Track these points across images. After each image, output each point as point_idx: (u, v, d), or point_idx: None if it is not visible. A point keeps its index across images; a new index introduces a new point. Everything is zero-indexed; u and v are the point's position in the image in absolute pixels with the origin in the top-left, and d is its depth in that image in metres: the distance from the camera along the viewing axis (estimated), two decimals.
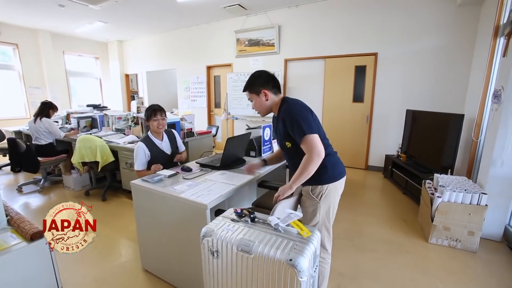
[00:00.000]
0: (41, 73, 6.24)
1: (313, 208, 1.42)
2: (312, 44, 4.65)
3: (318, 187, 1.40)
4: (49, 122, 3.55)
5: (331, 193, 1.40)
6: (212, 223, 1.12)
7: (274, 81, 1.48)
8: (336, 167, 1.42)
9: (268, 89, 1.45)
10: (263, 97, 1.46)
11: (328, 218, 1.44)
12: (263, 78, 1.47)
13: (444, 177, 2.45)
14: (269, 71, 1.52)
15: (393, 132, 4.23)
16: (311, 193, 1.41)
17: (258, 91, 1.46)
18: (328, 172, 1.38)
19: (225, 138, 5.77)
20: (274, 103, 1.48)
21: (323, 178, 1.38)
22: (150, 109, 2.17)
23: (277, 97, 1.48)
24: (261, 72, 1.51)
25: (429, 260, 2.04)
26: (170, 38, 6.52)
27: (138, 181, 1.72)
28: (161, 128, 2.21)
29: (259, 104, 1.49)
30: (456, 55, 3.65)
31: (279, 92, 1.50)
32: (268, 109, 1.51)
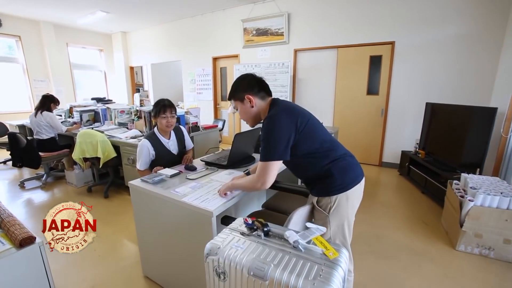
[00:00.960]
0: (45, 65, 6.12)
1: (322, 222, 1.23)
2: (324, 33, 4.37)
3: (325, 199, 1.20)
4: (50, 115, 3.43)
5: (342, 204, 1.19)
6: (218, 238, 0.94)
7: (261, 84, 1.28)
8: (346, 173, 1.19)
9: (252, 94, 1.26)
10: (248, 103, 1.27)
11: (343, 234, 1.24)
12: (247, 81, 1.28)
13: (473, 177, 2.22)
14: (255, 74, 1.32)
15: (410, 126, 3.97)
16: (317, 206, 1.23)
17: (242, 97, 1.27)
18: (336, 180, 1.17)
19: (231, 132, 5.64)
20: (262, 109, 1.29)
21: (330, 187, 1.18)
22: (159, 105, 1.93)
23: (264, 102, 1.29)
24: (245, 75, 1.32)
25: (459, 271, 1.84)
26: (174, 29, 6.31)
27: (136, 182, 1.56)
28: (170, 127, 1.99)
29: (244, 112, 1.31)
30: (482, 43, 3.34)
31: (268, 95, 1.30)
32: (256, 117, 1.31)
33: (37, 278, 1.20)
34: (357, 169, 1.23)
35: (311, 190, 1.28)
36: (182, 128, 2.21)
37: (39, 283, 1.25)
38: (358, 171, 1.23)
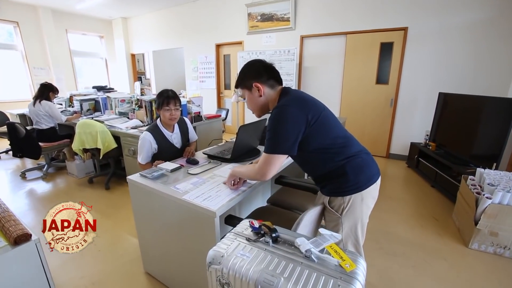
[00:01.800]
0: (44, 53, 5.99)
1: (334, 224, 1.14)
2: (332, 18, 4.16)
3: (338, 199, 1.10)
4: (49, 105, 3.34)
5: (356, 205, 1.09)
6: (222, 244, 0.85)
7: (270, 71, 1.18)
8: (361, 172, 1.09)
9: (261, 82, 1.16)
10: (256, 92, 1.17)
11: (356, 236, 1.15)
12: (256, 68, 1.18)
13: (490, 172, 2.11)
14: (265, 60, 1.21)
15: (420, 118, 3.82)
16: (329, 206, 1.13)
17: (249, 85, 1.18)
18: (350, 180, 1.07)
19: (235, 122, 5.53)
20: (271, 98, 1.18)
21: (343, 187, 1.08)
22: (162, 96, 1.80)
23: (274, 91, 1.18)
24: (254, 61, 1.21)
25: (472, 270, 1.76)
26: (176, 15, 6.09)
27: (135, 177, 1.47)
28: (174, 120, 1.87)
29: (251, 101, 1.21)
30: (500, 30, 3.13)
31: (278, 84, 1.20)
32: (264, 107, 1.21)
33: (35, 275, 1.17)
34: (373, 167, 1.13)
35: (322, 188, 1.19)
36: (186, 120, 2.09)
37: (38, 281, 1.22)
38: (374, 169, 1.13)
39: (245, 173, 1.24)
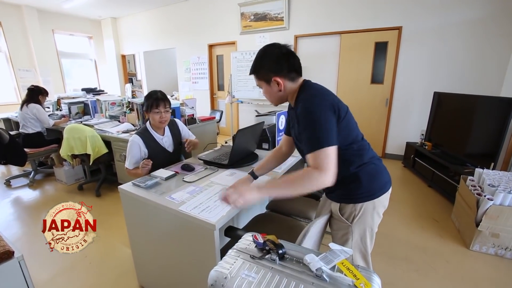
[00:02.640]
0: (30, 54, 5.77)
1: (344, 232, 1.09)
2: (326, 17, 4.12)
3: (349, 207, 1.05)
4: (36, 107, 3.20)
5: (367, 213, 1.04)
6: (225, 264, 0.78)
7: (291, 61, 1.03)
8: (375, 179, 1.04)
9: (281, 76, 1.03)
10: (275, 86, 1.05)
11: (365, 245, 1.10)
12: (274, 58, 1.03)
13: (489, 173, 2.09)
14: (284, 44, 1.06)
15: (416, 117, 3.82)
16: (339, 214, 1.07)
17: (268, 78, 1.04)
18: (363, 187, 1.02)
19: (229, 123, 5.45)
20: (291, 91, 1.07)
21: (355, 194, 1.03)
22: (150, 98, 1.71)
23: (295, 84, 1.06)
24: (271, 48, 1.05)
25: (476, 272, 1.74)
26: (167, 14, 5.96)
27: (127, 186, 1.39)
28: (164, 123, 1.77)
29: (269, 94, 1.10)
30: (494, 29, 3.14)
31: (299, 75, 1.07)
32: (282, 99, 1.11)
33: None
34: (385, 175, 1.08)
35: (329, 193, 1.12)
36: (177, 121, 2.00)
37: None
38: (387, 177, 1.08)
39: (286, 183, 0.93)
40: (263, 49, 1.07)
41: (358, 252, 1.10)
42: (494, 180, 1.94)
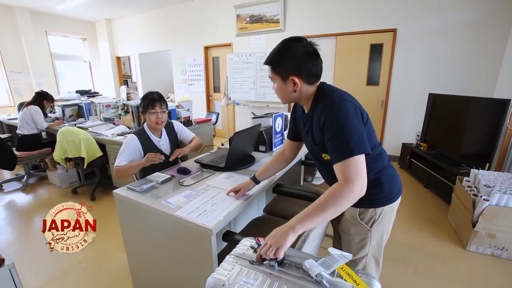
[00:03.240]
0: (22, 55, 5.68)
1: (362, 237, 1.07)
2: (322, 20, 4.14)
3: (370, 211, 1.03)
4: (34, 109, 3.18)
5: (386, 217, 1.05)
6: (222, 270, 0.77)
7: (314, 63, 0.94)
8: (393, 183, 1.05)
9: (300, 77, 0.94)
10: (290, 86, 0.96)
11: (380, 248, 1.10)
12: (297, 57, 0.92)
13: (484, 173, 2.11)
14: (308, 42, 0.96)
15: (411, 118, 3.85)
16: (359, 219, 1.05)
17: (286, 76, 0.96)
18: (385, 191, 1.01)
19: (225, 125, 5.42)
20: (306, 95, 0.99)
21: (377, 199, 1.02)
22: (146, 98, 1.69)
23: (312, 87, 0.99)
24: (296, 43, 0.94)
25: (473, 273, 1.74)
26: (163, 16, 5.93)
27: (122, 190, 1.36)
28: (161, 124, 1.73)
29: (281, 92, 1.01)
30: (488, 31, 3.19)
31: (317, 79, 0.98)
32: (294, 100, 1.05)
33: None
34: (399, 179, 1.10)
35: None
36: (174, 123, 1.96)
37: None
38: (400, 181, 1.10)
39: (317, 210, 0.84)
40: (287, 42, 0.96)
41: (372, 256, 1.09)
42: (490, 181, 1.96)
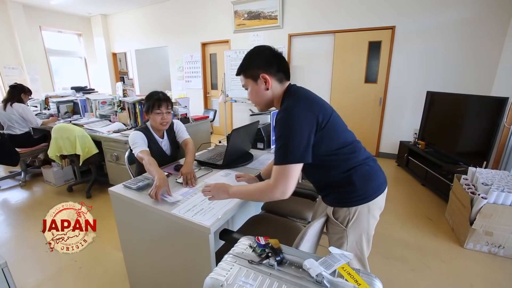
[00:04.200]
0: (16, 51, 5.57)
1: (338, 236, 1.07)
2: (320, 16, 4.11)
3: (343, 210, 1.02)
4: (22, 107, 3.09)
5: (363, 216, 1.02)
6: (221, 270, 0.75)
7: (280, 62, 1.04)
8: (370, 181, 1.01)
9: (269, 74, 1.01)
10: (262, 84, 1.03)
11: (361, 249, 1.08)
12: (264, 56, 1.03)
13: (482, 171, 2.11)
14: (275, 48, 1.07)
15: (409, 116, 3.85)
16: (333, 218, 1.05)
17: (256, 75, 1.03)
18: (357, 189, 0.99)
19: (223, 123, 5.39)
20: (277, 94, 1.04)
21: (349, 197, 1.00)
22: (152, 99, 1.64)
23: (281, 87, 1.04)
24: (262, 48, 1.06)
25: (471, 271, 1.75)
26: (159, 12, 5.86)
27: (118, 188, 1.33)
28: (165, 125, 1.70)
29: (255, 94, 1.06)
30: (486, 29, 3.18)
31: (286, 78, 1.06)
32: (269, 102, 1.07)
33: None
34: (381, 176, 1.06)
35: (324, 197, 1.11)
36: (173, 122, 1.87)
37: None
38: (382, 178, 1.06)
39: (254, 192, 1.03)
40: (252, 49, 1.08)
41: (354, 256, 1.08)
42: (487, 179, 1.96)
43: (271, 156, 1.88)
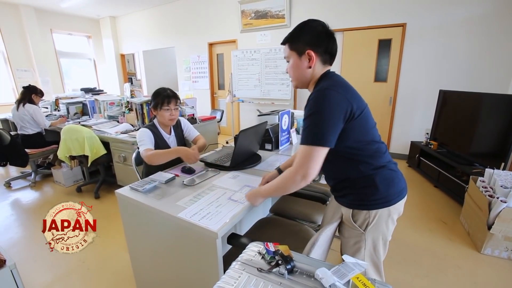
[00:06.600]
0: (28, 54, 5.70)
1: (355, 240, 1.02)
2: (328, 14, 4.04)
3: (363, 213, 0.98)
4: (33, 108, 3.14)
5: (382, 220, 0.97)
6: (229, 278, 0.72)
7: (330, 42, 0.97)
8: (391, 185, 0.97)
9: (316, 52, 0.96)
10: (306, 61, 0.98)
11: (378, 254, 1.03)
12: (316, 33, 0.96)
13: (500, 173, 2.02)
14: (327, 25, 0.99)
15: (420, 116, 3.75)
16: (352, 220, 1.00)
17: (302, 49, 0.97)
18: (379, 192, 0.94)
19: (230, 123, 5.38)
20: (316, 75, 0.99)
21: (370, 200, 0.95)
22: (160, 95, 1.66)
23: (323, 69, 0.99)
24: (316, 22, 0.98)
25: (489, 278, 1.67)
26: (166, 13, 5.89)
27: (125, 190, 1.32)
28: (173, 120, 1.73)
29: (296, 69, 1.01)
30: (502, 24, 3.06)
31: (330, 62, 1.01)
32: (306, 81, 1.02)
33: None
34: (402, 180, 1.01)
35: (340, 198, 1.05)
36: (181, 120, 1.91)
37: None
38: (403, 183, 1.01)
39: (277, 185, 1.01)
40: (305, 21, 1.01)
41: (370, 261, 1.04)
42: (507, 181, 1.87)
43: (279, 157, 1.84)
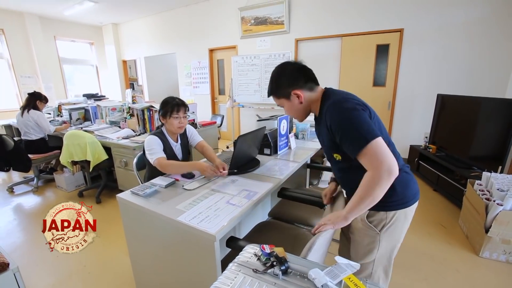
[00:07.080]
0: (32, 61, 5.80)
1: (370, 240, 1.03)
2: (327, 20, 4.11)
3: (380, 214, 1.00)
4: (38, 114, 3.19)
5: (399, 222, 1.00)
6: (225, 279, 0.74)
7: (305, 73, 1.06)
8: (408, 187, 1.00)
9: (299, 88, 1.04)
10: (296, 99, 1.06)
11: (390, 258, 1.06)
12: (288, 73, 1.06)
13: (497, 176, 2.04)
14: (294, 61, 1.09)
15: (419, 120, 3.77)
16: (367, 221, 1.02)
17: (287, 93, 1.06)
18: (397, 194, 0.97)
19: (230, 128, 5.42)
20: (312, 101, 1.07)
21: (387, 201, 0.97)
22: (169, 103, 1.68)
23: (314, 93, 1.07)
24: (283, 66, 1.08)
25: (487, 281, 1.67)
26: (167, 20, 5.99)
27: (126, 195, 1.35)
28: (182, 129, 1.75)
29: (292, 109, 1.11)
30: (498, 28, 3.10)
31: (316, 84, 1.08)
32: (306, 111, 1.11)
33: None
34: (416, 183, 1.05)
35: None
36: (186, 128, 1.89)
37: None
38: (417, 186, 1.05)
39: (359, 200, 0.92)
40: (276, 69, 1.10)
41: (381, 265, 1.06)
42: (503, 184, 1.89)
43: (278, 161, 1.86)
